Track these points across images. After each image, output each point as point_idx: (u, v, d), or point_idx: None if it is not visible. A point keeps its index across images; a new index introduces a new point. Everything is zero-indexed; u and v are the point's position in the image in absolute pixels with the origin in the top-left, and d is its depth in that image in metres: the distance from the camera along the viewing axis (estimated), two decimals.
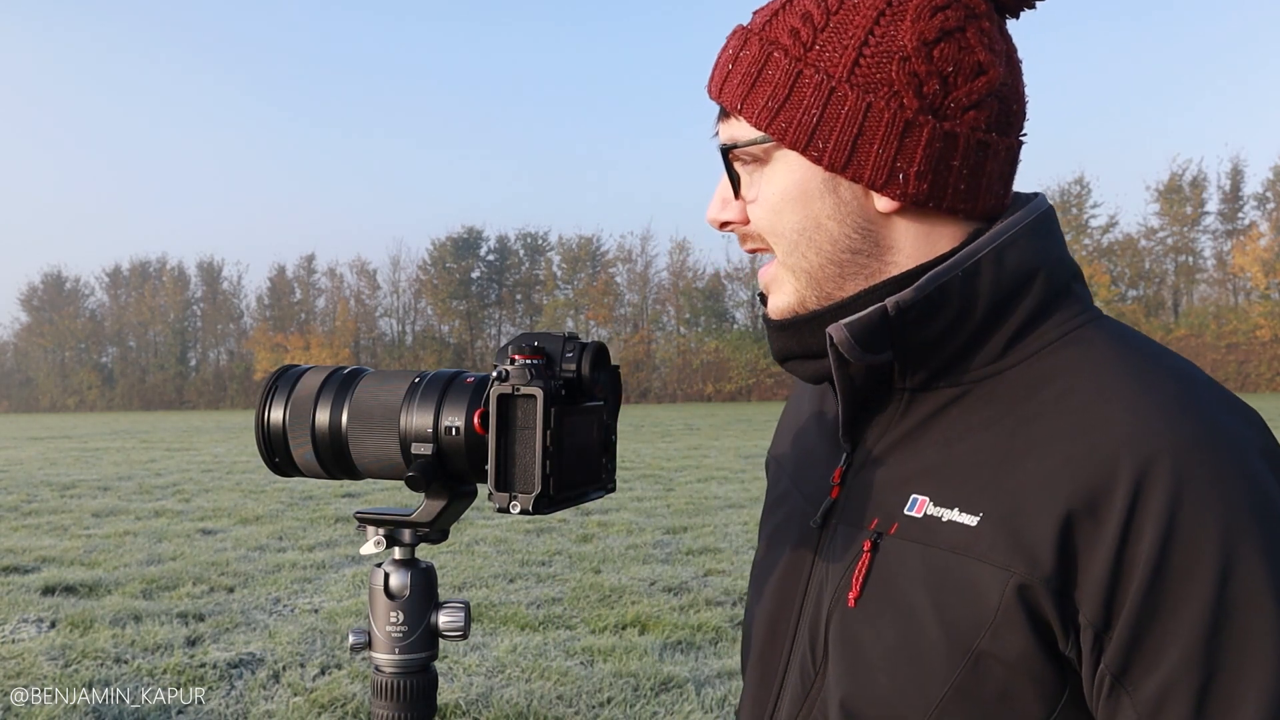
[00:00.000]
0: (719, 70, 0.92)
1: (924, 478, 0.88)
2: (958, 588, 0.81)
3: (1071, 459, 0.78)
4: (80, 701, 4.45)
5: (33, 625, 5.81)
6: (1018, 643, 0.78)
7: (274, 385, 0.96)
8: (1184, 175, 54.96)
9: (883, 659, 0.85)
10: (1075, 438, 0.79)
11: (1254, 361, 49.11)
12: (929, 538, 0.84)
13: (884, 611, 0.86)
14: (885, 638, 0.85)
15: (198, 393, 73.04)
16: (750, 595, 1.08)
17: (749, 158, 0.91)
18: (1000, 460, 0.83)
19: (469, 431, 0.85)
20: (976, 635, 0.79)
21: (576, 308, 65.57)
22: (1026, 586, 0.77)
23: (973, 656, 0.79)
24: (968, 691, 0.80)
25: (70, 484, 13.55)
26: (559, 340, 0.85)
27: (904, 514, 0.87)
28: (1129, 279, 55.87)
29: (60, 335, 77.30)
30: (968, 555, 0.81)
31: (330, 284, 72.95)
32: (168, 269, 77.29)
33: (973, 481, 0.84)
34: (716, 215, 0.94)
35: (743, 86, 0.89)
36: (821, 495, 0.98)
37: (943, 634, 0.81)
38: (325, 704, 4.40)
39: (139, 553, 8.15)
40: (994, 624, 0.79)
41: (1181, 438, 0.76)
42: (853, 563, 0.90)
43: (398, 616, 0.91)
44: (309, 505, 10.86)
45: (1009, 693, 0.79)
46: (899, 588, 0.86)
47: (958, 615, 0.81)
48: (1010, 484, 0.81)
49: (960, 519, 0.82)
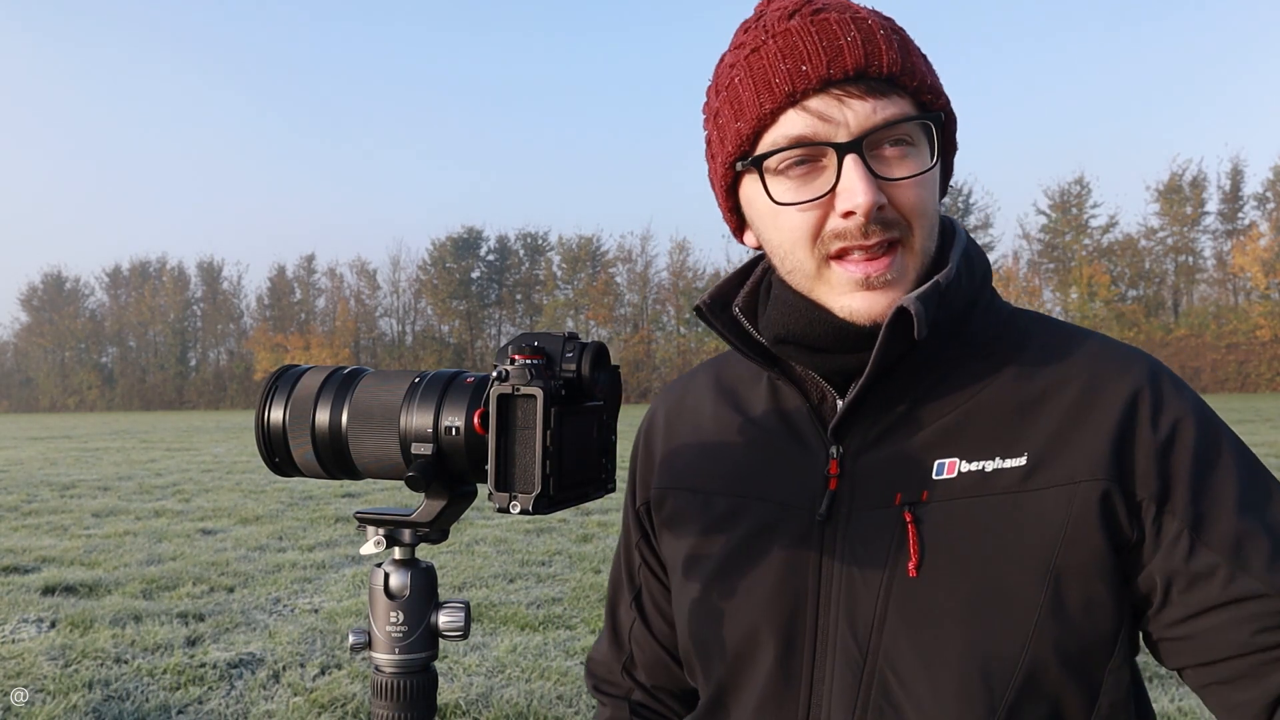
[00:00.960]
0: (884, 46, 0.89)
1: (942, 444, 0.95)
2: (1024, 521, 0.90)
3: (1088, 388, 0.94)
4: (80, 701, 4.45)
5: (33, 625, 5.81)
6: (1089, 546, 0.89)
7: (274, 385, 0.96)
8: (1184, 175, 54.98)
9: (968, 612, 0.89)
10: (1083, 375, 0.95)
11: (1254, 361, 49.08)
12: (976, 490, 0.92)
13: (950, 570, 0.91)
14: (961, 591, 0.90)
15: (198, 393, 73.02)
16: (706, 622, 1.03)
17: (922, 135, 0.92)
18: (1017, 410, 0.94)
19: (469, 431, 0.85)
20: (1052, 554, 0.89)
21: (576, 308, 65.56)
22: (1101, 490, 0.89)
23: (1054, 574, 0.89)
24: (1056, 610, 0.88)
25: (70, 484, 13.54)
26: (559, 340, 0.85)
27: (934, 479, 0.93)
28: (1129, 279, 55.85)
29: (60, 335, 77.28)
30: (1025, 490, 0.91)
31: (330, 284, 72.99)
32: (168, 269, 77.32)
33: (1000, 432, 0.93)
34: (877, 198, 0.89)
35: (925, 66, 0.93)
36: (805, 493, 0.98)
37: (1021, 567, 0.89)
38: (325, 704, 4.40)
39: (139, 553, 8.15)
40: (1065, 538, 0.89)
41: (1148, 360, 0.96)
42: (895, 538, 0.93)
43: (398, 616, 0.91)
44: (309, 505, 10.86)
45: (1091, 601, 0.89)
46: (958, 544, 0.91)
47: (1031, 544, 0.89)
48: (1043, 422, 0.93)
49: (1006, 464, 0.92)
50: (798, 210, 0.92)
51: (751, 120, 0.92)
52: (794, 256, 0.95)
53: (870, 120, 0.89)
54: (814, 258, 0.93)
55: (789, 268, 0.96)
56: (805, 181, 0.92)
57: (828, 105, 0.89)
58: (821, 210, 0.91)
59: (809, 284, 0.95)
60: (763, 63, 0.91)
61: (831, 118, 0.89)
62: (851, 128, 0.89)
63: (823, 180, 0.91)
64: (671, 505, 1.10)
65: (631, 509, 1.19)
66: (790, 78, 0.89)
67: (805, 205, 0.92)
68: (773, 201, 0.93)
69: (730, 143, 0.95)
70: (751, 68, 0.92)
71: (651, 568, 1.17)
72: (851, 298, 0.93)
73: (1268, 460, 12.95)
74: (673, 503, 1.10)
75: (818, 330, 0.95)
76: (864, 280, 0.91)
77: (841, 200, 0.89)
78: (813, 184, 0.91)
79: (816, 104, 0.89)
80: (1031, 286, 57.24)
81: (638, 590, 1.19)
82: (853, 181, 0.88)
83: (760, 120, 0.91)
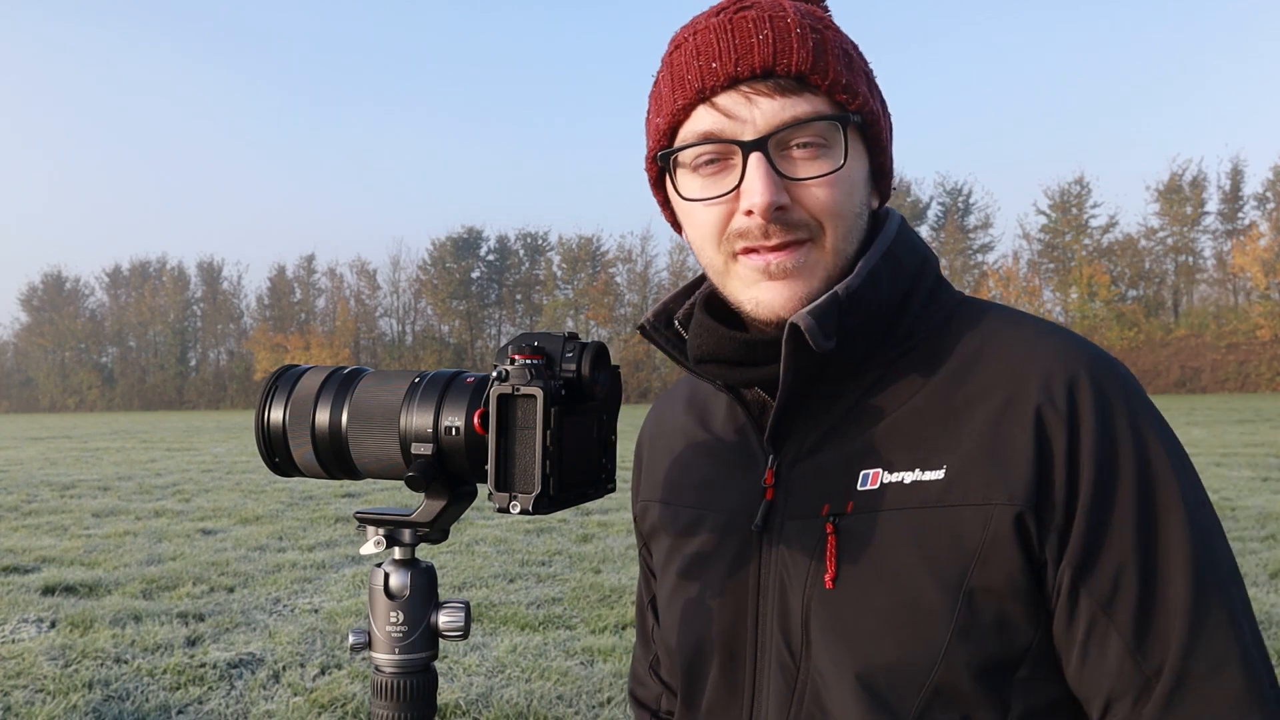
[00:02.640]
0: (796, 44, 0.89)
1: (868, 454, 0.93)
2: (939, 537, 0.87)
3: (1013, 397, 0.89)
4: (80, 701, 4.45)
5: (33, 625, 5.81)
6: (1005, 568, 0.86)
7: (274, 385, 0.96)
8: (1184, 175, 54.99)
9: (880, 625, 0.88)
10: (1009, 380, 0.90)
11: (1254, 361, 49.07)
12: (896, 502, 0.90)
13: (867, 583, 0.89)
14: (875, 605, 0.89)
15: (198, 393, 73.02)
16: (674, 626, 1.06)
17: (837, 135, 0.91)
18: (944, 418, 0.91)
19: (469, 431, 0.85)
20: (966, 573, 0.86)
21: (576, 308, 65.56)
22: (1014, 514, 0.86)
23: (967, 593, 0.86)
24: (968, 629, 0.86)
25: (70, 484, 13.54)
26: (559, 340, 0.85)
27: (857, 491, 0.92)
28: (1129, 279, 55.85)
29: (60, 335, 77.28)
30: (942, 505, 0.88)
31: (330, 284, 73.00)
32: (168, 269, 77.32)
33: (924, 443, 0.91)
34: (777, 198, 0.89)
35: (840, 65, 0.91)
36: (749, 504, 0.98)
37: (934, 582, 0.87)
38: (325, 704, 4.40)
39: (139, 553, 8.15)
40: (980, 557, 0.86)
41: (1087, 359, 0.91)
42: (817, 549, 0.92)
43: (398, 616, 0.91)
44: (309, 505, 10.85)
45: (1004, 618, 0.87)
46: (876, 557, 0.89)
47: (945, 561, 0.87)
48: (964, 434, 0.90)
49: (925, 477, 0.90)
50: (704, 206, 0.93)
51: (668, 116, 0.93)
52: (705, 253, 0.96)
53: (777, 118, 0.89)
54: (721, 254, 0.94)
55: (704, 263, 0.98)
56: (715, 179, 0.92)
57: (735, 103, 0.89)
58: (728, 208, 0.92)
59: (720, 280, 0.96)
60: (681, 60, 0.93)
61: (738, 115, 0.89)
62: (758, 125, 0.89)
63: (730, 178, 0.91)
64: (651, 517, 1.13)
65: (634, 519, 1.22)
66: (701, 75, 0.90)
67: (711, 202, 0.92)
68: (680, 197, 0.95)
69: (652, 138, 0.97)
70: (672, 65, 0.94)
71: (653, 572, 1.19)
72: (757, 288, 0.92)
73: (1268, 460, 12.94)
74: (652, 515, 1.12)
75: (728, 347, 0.95)
76: (765, 268, 0.91)
77: (743, 199, 0.89)
78: (721, 181, 0.92)
79: (725, 101, 0.89)
80: (1031, 286, 57.25)
81: (652, 594, 1.20)
82: (753, 180, 0.88)
83: (675, 116, 0.92)
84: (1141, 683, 0.85)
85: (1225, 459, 13.24)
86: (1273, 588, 6.06)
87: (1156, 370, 51.11)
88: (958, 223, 60.27)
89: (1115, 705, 0.87)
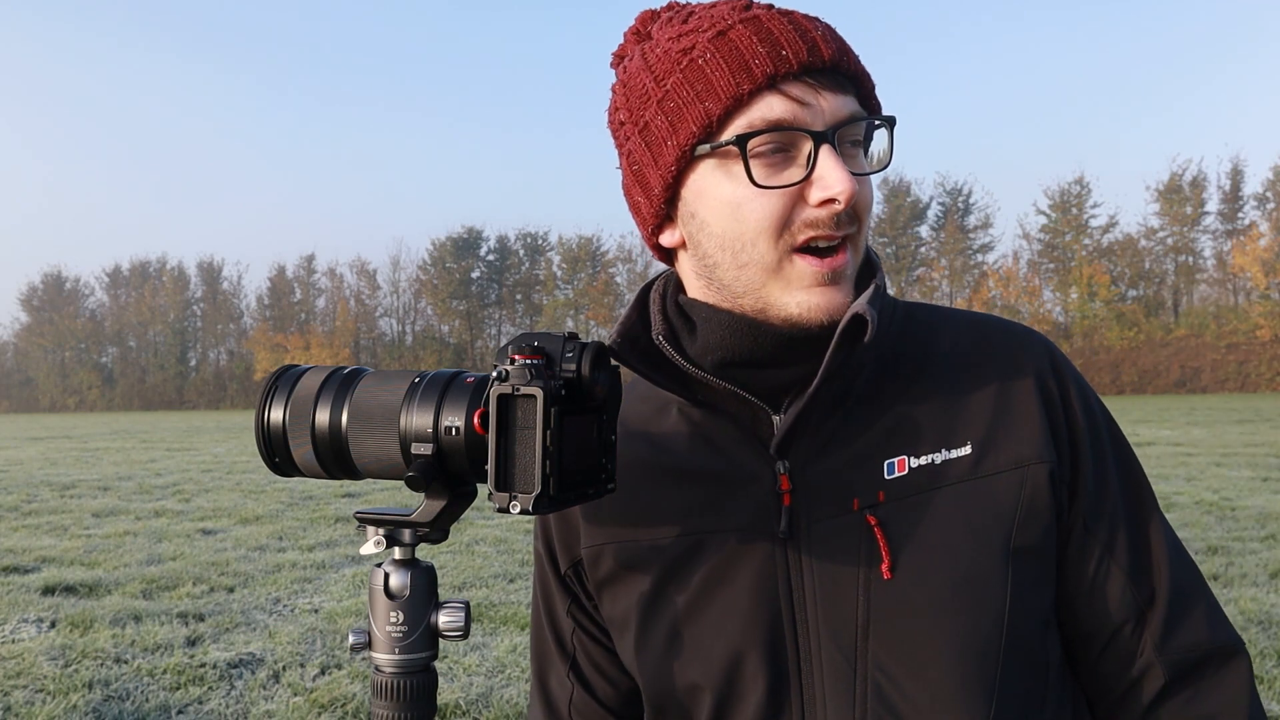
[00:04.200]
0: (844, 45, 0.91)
1: (888, 444, 0.96)
2: (982, 506, 0.93)
3: (1012, 372, 0.99)
4: (80, 701, 4.45)
5: (33, 625, 5.81)
6: (1039, 523, 0.94)
7: (274, 385, 0.96)
8: (1184, 175, 55.00)
9: (943, 601, 0.91)
10: (1003, 360, 1.00)
11: (1254, 361, 49.09)
12: (933, 482, 0.94)
13: (923, 564, 0.92)
14: (935, 583, 0.91)
15: (198, 393, 73.02)
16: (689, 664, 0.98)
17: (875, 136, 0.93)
18: (949, 402, 0.98)
19: (469, 431, 0.85)
20: (1009, 536, 0.93)
21: (576, 308, 65.58)
22: (1049, 470, 0.95)
23: (1014, 555, 0.93)
24: (1020, 588, 0.92)
25: (70, 484, 13.54)
26: (559, 340, 0.85)
27: (886, 479, 0.94)
28: (1129, 279, 55.87)
29: (60, 335, 77.29)
30: (978, 477, 0.94)
31: (330, 284, 73.01)
32: (168, 269, 77.33)
33: (939, 425, 0.96)
34: (856, 186, 0.88)
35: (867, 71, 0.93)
36: (761, 515, 0.96)
37: (985, 550, 0.92)
38: (325, 704, 4.40)
39: (139, 553, 8.15)
40: (1017, 519, 0.93)
41: (1044, 339, 1.03)
42: (864, 543, 0.92)
43: (398, 616, 0.91)
44: (309, 505, 10.85)
45: (1041, 575, 0.95)
46: (924, 538, 0.92)
47: (991, 528, 0.93)
48: (976, 411, 0.97)
49: (954, 454, 0.95)
50: (769, 196, 0.88)
51: (724, 100, 0.87)
52: (754, 249, 0.90)
53: (842, 112, 0.88)
54: (777, 250, 0.89)
55: (743, 261, 0.91)
56: (777, 169, 0.89)
57: (805, 93, 0.88)
58: (791, 199, 0.88)
59: (763, 278, 0.91)
60: (735, 45, 0.88)
61: (810, 104, 0.87)
62: (826, 117, 0.88)
63: (793, 169, 0.88)
64: (610, 562, 1.03)
65: (554, 576, 1.11)
66: (771, 60, 0.86)
67: (783, 190, 0.88)
68: (754, 184, 0.88)
69: (693, 123, 0.89)
70: (721, 49, 0.88)
71: (589, 631, 1.11)
72: (810, 293, 0.90)
73: (1268, 460, 12.97)
74: (611, 560, 1.03)
75: (765, 346, 0.93)
76: (829, 275, 0.90)
77: (818, 189, 0.87)
78: (784, 172, 0.88)
79: (796, 90, 0.87)
80: (1031, 286, 57.24)
81: (571, 658, 1.12)
82: (834, 170, 0.86)
83: (735, 101, 0.87)
84: (1138, 611, 0.97)
85: (1225, 459, 13.24)
86: (1273, 588, 6.06)
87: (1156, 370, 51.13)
88: (957, 223, 60.17)
89: (1117, 635, 0.97)
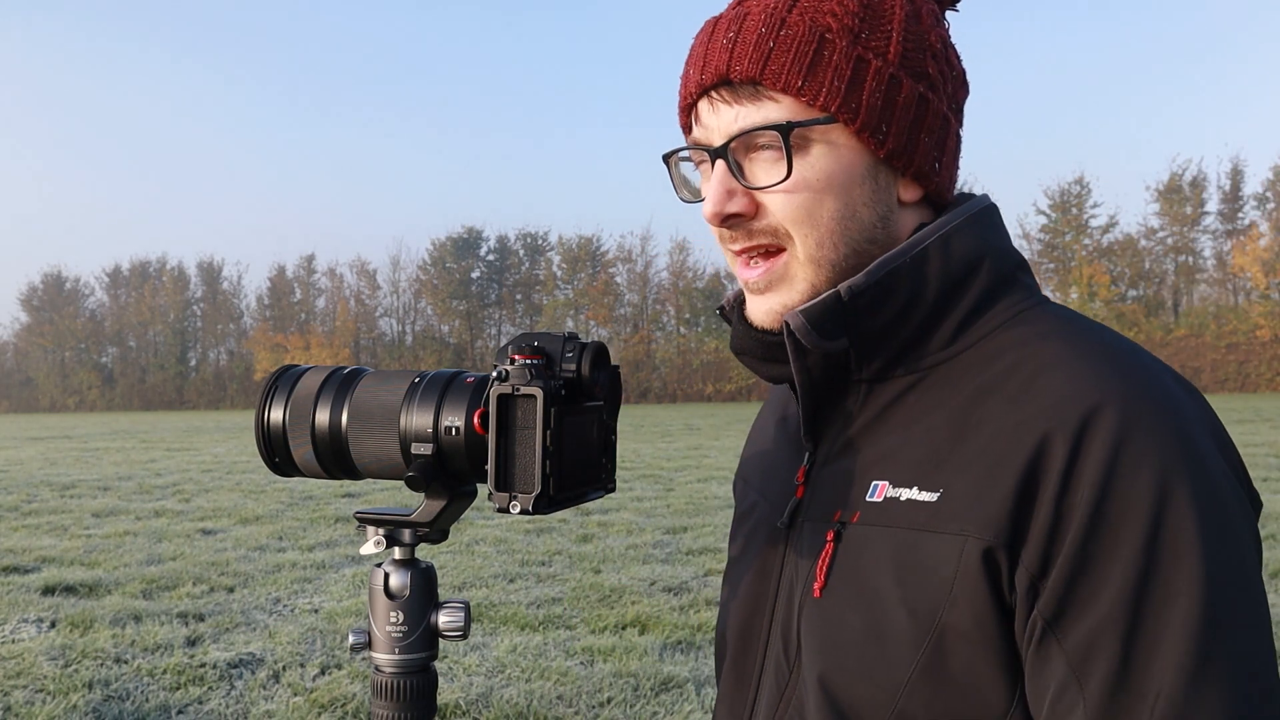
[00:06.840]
0: (749, 49, 0.85)
1: (884, 463, 0.89)
2: (918, 564, 0.82)
3: (1020, 422, 0.80)
4: (80, 701, 4.45)
5: (33, 625, 5.81)
6: (975, 610, 0.78)
7: (274, 385, 0.96)
8: (1184, 175, 54.93)
9: (851, 643, 0.85)
10: (1023, 402, 0.81)
11: (1254, 361, 49.07)
12: (890, 519, 0.85)
13: (849, 598, 0.86)
14: (851, 623, 0.86)
15: (198, 393, 73.01)
16: (721, 608, 1.07)
17: (798, 140, 0.85)
18: (955, 437, 0.84)
19: (469, 431, 0.85)
20: (938, 609, 0.80)
21: (576, 308, 65.55)
22: (983, 549, 0.78)
23: (937, 633, 0.79)
24: (932, 669, 0.80)
25: (70, 484, 13.54)
26: (559, 340, 0.85)
27: (866, 501, 0.88)
28: (1129, 279, 55.83)
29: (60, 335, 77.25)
30: (926, 530, 0.82)
31: (330, 284, 72.96)
32: (168, 269, 77.26)
33: (931, 460, 0.85)
34: (724, 207, 0.87)
35: (797, 65, 0.84)
36: (787, 498, 0.98)
37: (906, 613, 0.81)
38: (325, 704, 4.40)
39: (139, 553, 8.15)
40: (952, 594, 0.79)
41: (1123, 391, 0.78)
42: (818, 555, 0.90)
43: (398, 616, 0.91)
44: (309, 505, 10.86)
45: (974, 675, 0.79)
46: (863, 573, 0.86)
47: (919, 592, 0.81)
48: (966, 456, 0.82)
49: (919, 496, 0.83)
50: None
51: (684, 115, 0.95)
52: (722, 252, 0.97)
53: (733, 126, 0.87)
54: (728, 254, 0.94)
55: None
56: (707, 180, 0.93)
57: (705, 110, 0.90)
58: None
59: None
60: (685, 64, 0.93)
61: (707, 123, 0.90)
62: (720, 133, 0.88)
63: None
64: (738, 493, 1.14)
65: None
66: (685, 84, 0.92)
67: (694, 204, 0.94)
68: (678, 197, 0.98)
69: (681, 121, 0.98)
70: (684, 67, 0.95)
71: None
72: (748, 300, 0.94)
73: (1268, 460, 12.92)
74: (739, 490, 1.14)
75: (751, 344, 0.95)
76: (753, 283, 0.91)
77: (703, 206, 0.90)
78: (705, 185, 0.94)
79: (702, 107, 0.90)
80: None
81: None
82: (708, 189, 0.89)
83: (686, 115, 0.94)
84: None
85: None
86: (1273, 588, 6.06)
87: None
88: None
89: None
